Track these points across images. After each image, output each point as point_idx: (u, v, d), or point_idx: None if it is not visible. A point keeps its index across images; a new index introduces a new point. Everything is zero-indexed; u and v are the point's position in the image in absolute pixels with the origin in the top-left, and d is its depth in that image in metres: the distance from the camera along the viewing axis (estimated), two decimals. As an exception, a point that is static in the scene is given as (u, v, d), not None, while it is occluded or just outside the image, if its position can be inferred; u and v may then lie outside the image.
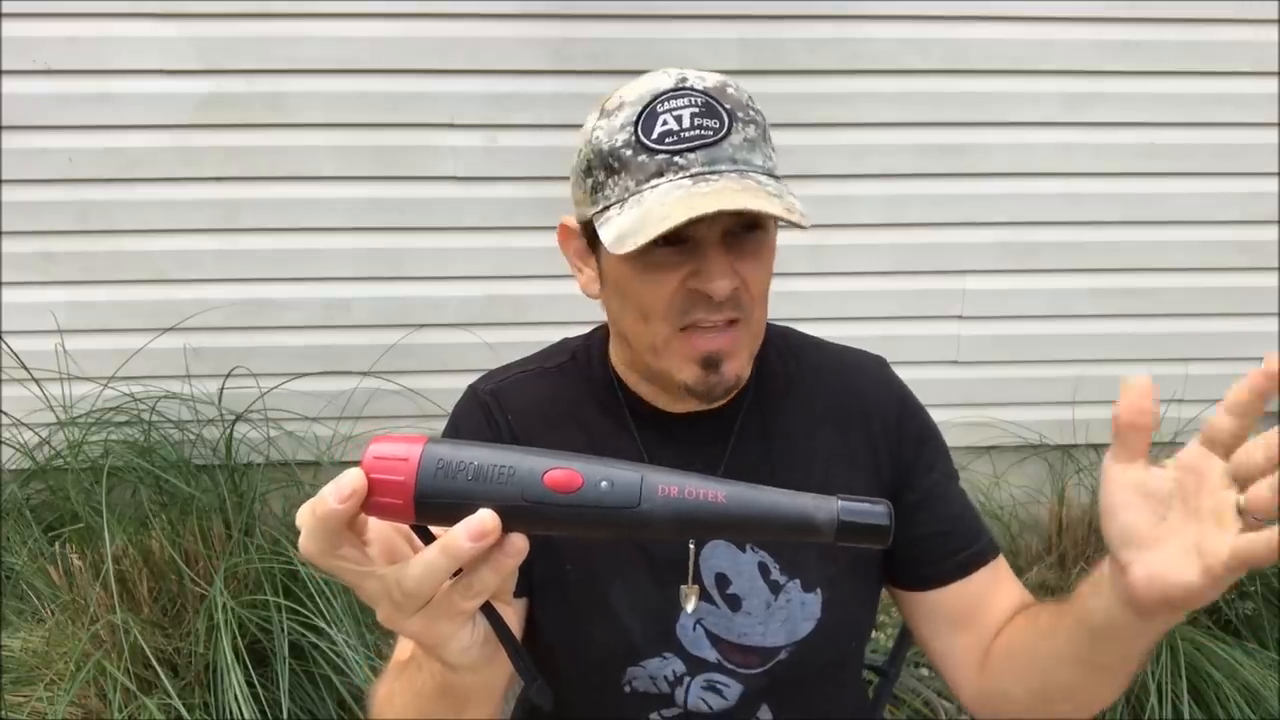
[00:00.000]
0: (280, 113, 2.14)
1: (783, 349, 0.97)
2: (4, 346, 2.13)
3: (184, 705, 1.66)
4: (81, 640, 1.73)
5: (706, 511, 0.50)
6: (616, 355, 0.93)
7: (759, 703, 0.92)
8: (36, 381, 2.12)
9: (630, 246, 0.74)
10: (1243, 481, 0.55)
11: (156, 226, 2.18)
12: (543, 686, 0.58)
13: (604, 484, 0.49)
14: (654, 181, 0.77)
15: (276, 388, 2.18)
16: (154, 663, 1.70)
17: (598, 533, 0.50)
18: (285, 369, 2.19)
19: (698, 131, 0.77)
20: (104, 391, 2.15)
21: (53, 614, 1.84)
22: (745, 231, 0.80)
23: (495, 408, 0.93)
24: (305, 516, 0.49)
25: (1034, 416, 2.43)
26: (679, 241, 0.78)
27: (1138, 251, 2.35)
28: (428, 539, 0.50)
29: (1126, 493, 0.59)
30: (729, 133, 0.77)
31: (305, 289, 2.23)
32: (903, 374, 0.99)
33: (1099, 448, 2.43)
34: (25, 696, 1.70)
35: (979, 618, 0.91)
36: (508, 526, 0.49)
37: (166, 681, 1.68)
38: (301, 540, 0.49)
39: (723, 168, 0.76)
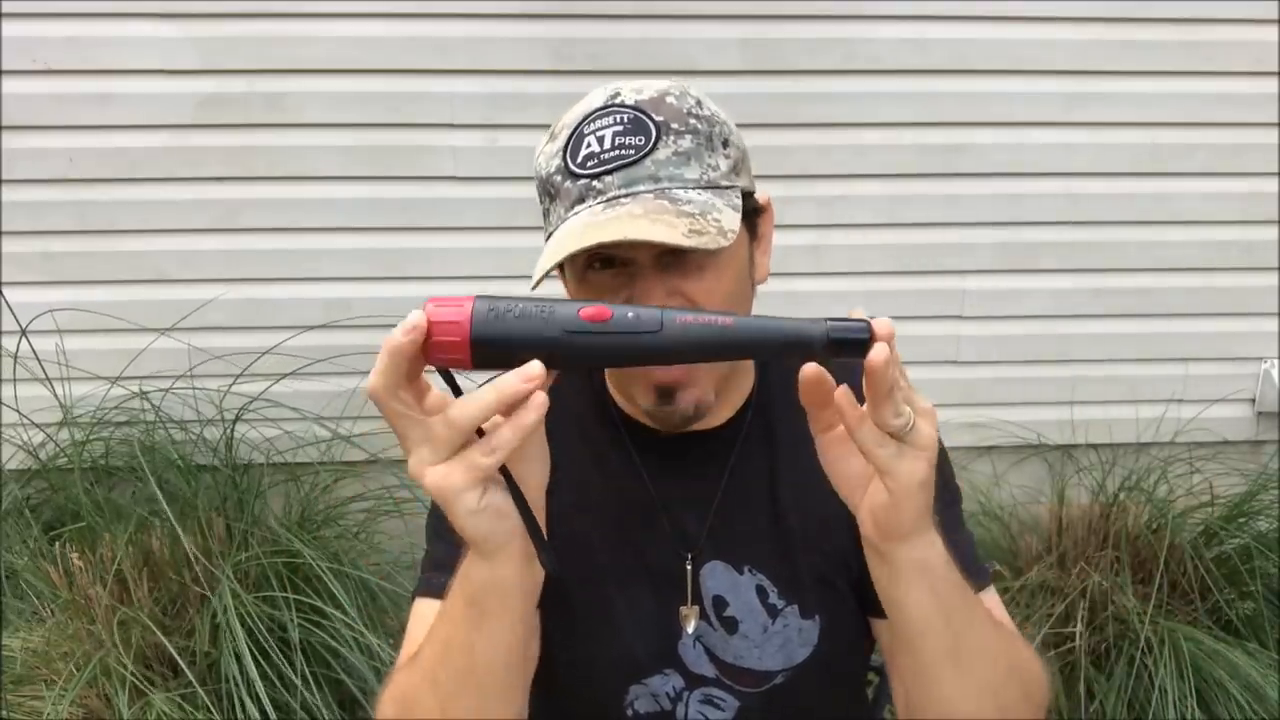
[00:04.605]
0: (280, 113, 2.14)
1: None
2: (2, 347, 2.13)
3: (191, 703, 1.66)
4: (83, 640, 1.73)
5: (716, 332, 0.58)
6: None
7: (756, 718, 0.91)
8: (47, 381, 2.12)
9: (532, 283, 0.75)
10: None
11: (157, 226, 2.18)
12: (553, 556, 0.65)
13: (630, 315, 0.58)
14: (576, 208, 0.75)
15: (272, 386, 2.17)
16: (161, 659, 1.70)
17: (628, 359, 0.60)
18: (285, 369, 2.19)
19: (618, 152, 0.74)
20: (104, 391, 2.15)
21: (52, 614, 1.84)
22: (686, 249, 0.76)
23: None
24: (380, 355, 0.56)
25: (1033, 416, 2.42)
26: (618, 264, 0.77)
27: (1138, 251, 2.35)
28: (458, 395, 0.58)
29: (837, 447, 0.68)
30: (654, 148, 0.74)
31: (305, 289, 2.23)
32: (903, 373, 0.99)
33: (1098, 448, 2.43)
34: (25, 696, 1.70)
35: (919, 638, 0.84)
36: (553, 361, 0.57)
37: (173, 678, 1.68)
38: (371, 376, 0.56)
39: (640, 188, 0.74)
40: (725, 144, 0.79)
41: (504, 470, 0.61)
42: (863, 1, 2.17)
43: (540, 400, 0.56)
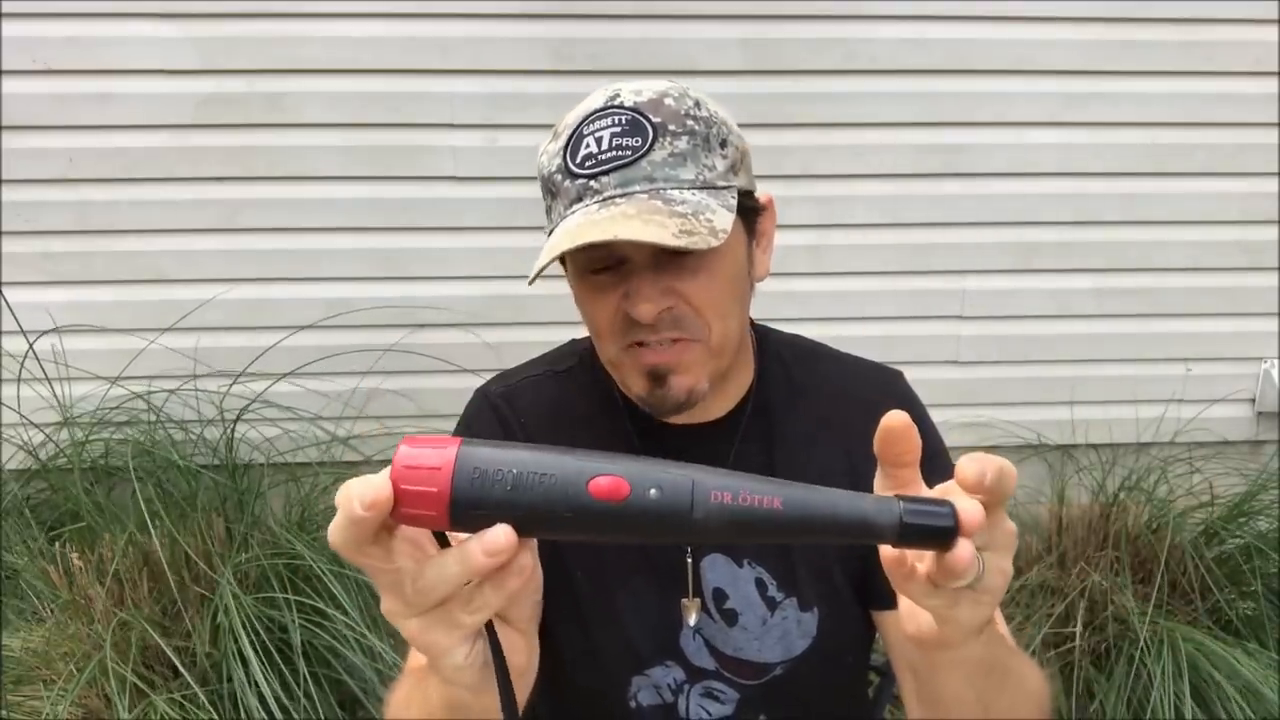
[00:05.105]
0: (280, 113, 2.14)
1: (788, 357, 0.95)
2: (2, 347, 2.13)
3: (193, 704, 1.66)
4: (83, 641, 1.73)
5: (762, 518, 0.47)
6: None
7: (756, 711, 0.92)
8: (47, 381, 2.12)
9: (529, 280, 0.76)
10: None
11: (156, 226, 2.18)
12: None
13: (653, 492, 0.46)
14: (574, 207, 0.77)
15: (271, 386, 2.17)
16: (161, 660, 1.70)
17: (646, 540, 0.48)
18: (285, 369, 2.19)
19: (615, 153, 0.76)
20: (104, 391, 2.15)
21: (52, 614, 1.84)
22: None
23: (507, 410, 0.93)
24: (340, 511, 0.48)
25: (1033, 416, 2.42)
26: (615, 263, 0.79)
27: (1138, 251, 2.35)
28: (446, 542, 0.49)
29: None
30: (650, 149, 0.76)
31: (305, 289, 2.23)
32: (903, 374, 0.99)
33: (1098, 448, 2.43)
34: (25, 696, 1.70)
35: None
36: (549, 535, 0.47)
37: (173, 679, 1.68)
38: (330, 530, 0.48)
39: (635, 188, 0.75)
40: (723, 144, 0.79)
41: (488, 625, 0.53)
42: (863, 1, 2.17)
43: (525, 565, 0.48)
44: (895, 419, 0.52)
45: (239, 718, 1.69)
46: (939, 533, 0.47)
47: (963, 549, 0.46)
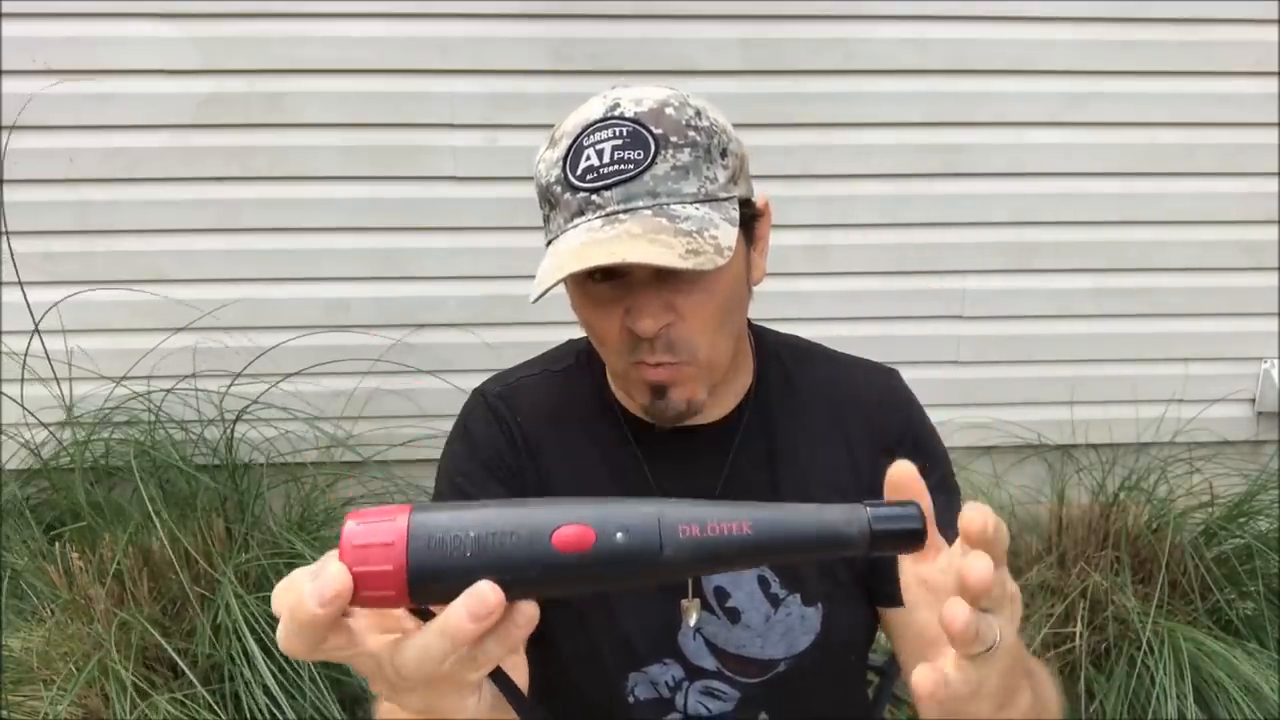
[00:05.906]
0: (280, 113, 2.14)
1: (787, 359, 0.96)
2: (3, 347, 2.13)
3: (194, 703, 1.66)
4: (83, 640, 1.73)
5: (733, 545, 0.45)
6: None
7: (757, 709, 0.92)
8: (57, 380, 2.12)
9: (533, 298, 0.75)
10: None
11: (157, 226, 2.18)
12: None
13: (619, 535, 0.44)
14: (575, 221, 0.76)
15: (273, 387, 2.17)
16: (162, 660, 1.70)
17: (619, 586, 0.46)
18: (285, 369, 2.19)
19: (617, 166, 0.75)
20: (103, 391, 2.15)
21: (52, 614, 1.84)
22: None
23: (504, 410, 0.93)
24: (285, 617, 0.43)
25: (1033, 416, 2.42)
26: (618, 275, 0.78)
27: (1138, 251, 2.35)
28: (426, 615, 0.45)
29: (917, 590, 0.56)
30: (653, 163, 0.75)
31: (305, 289, 2.23)
32: (903, 374, 0.99)
33: (1098, 448, 2.43)
34: (25, 696, 1.70)
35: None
36: (517, 596, 0.43)
37: (174, 679, 1.68)
38: (281, 638, 0.44)
39: (639, 204, 0.74)
40: (724, 154, 0.79)
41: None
42: (863, 1, 2.17)
43: (529, 614, 0.44)
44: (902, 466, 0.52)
45: (240, 717, 1.69)
46: (909, 535, 0.47)
47: (956, 609, 0.45)
